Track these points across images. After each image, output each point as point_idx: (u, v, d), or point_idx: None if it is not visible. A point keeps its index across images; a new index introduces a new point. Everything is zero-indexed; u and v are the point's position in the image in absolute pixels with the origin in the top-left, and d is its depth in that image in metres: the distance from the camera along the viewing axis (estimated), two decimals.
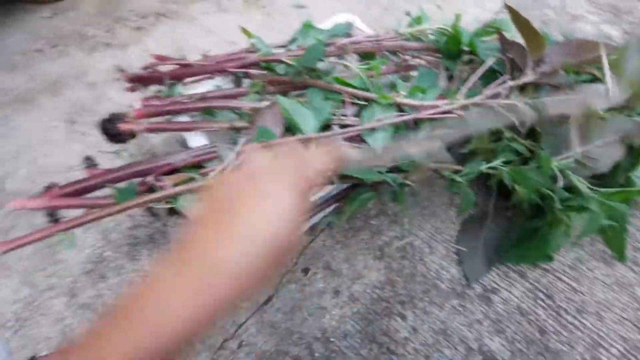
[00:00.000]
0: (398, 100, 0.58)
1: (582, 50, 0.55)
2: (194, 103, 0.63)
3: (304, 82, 0.64)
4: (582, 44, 0.55)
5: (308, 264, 0.74)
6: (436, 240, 0.78)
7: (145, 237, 0.77)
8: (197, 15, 1.15)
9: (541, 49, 0.56)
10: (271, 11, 1.18)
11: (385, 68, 0.66)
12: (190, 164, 0.57)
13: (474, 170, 0.61)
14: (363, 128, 0.55)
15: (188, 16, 1.15)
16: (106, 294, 0.71)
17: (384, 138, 0.54)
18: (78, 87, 1.00)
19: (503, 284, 0.74)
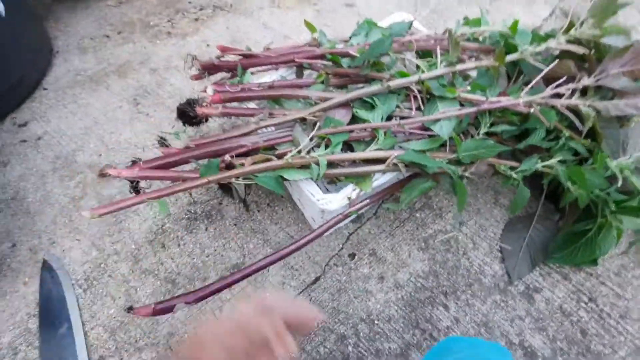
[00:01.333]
0: (462, 95, 0.60)
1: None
2: (264, 91, 0.68)
3: (368, 75, 0.67)
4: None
5: (354, 250, 0.78)
6: (480, 237, 0.80)
7: (202, 213, 0.82)
8: (252, 9, 1.21)
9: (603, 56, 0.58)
10: (322, 8, 1.22)
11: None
12: (263, 147, 0.61)
13: (530, 167, 0.63)
14: (429, 119, 0.58)
15: (244, 10, 1.21)
16: (166, 262, 0.77)
17: (449, 127, 0.57)
18: (142, 71, 1.07)
19: (546, 283, 0.75)
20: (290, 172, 0.55)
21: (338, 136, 0.58)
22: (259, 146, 0.61)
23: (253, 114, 0.66)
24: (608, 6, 0.60)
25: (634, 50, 0.57)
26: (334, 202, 0.58)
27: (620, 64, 0.58)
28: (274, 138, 0.62)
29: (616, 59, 0.58)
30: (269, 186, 0.54)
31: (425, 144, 0.58)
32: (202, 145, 0.63)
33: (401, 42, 0.70)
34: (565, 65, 0.60)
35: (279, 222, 0.81)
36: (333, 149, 0.57)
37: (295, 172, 0.55)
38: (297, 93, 0.66)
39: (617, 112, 0.58)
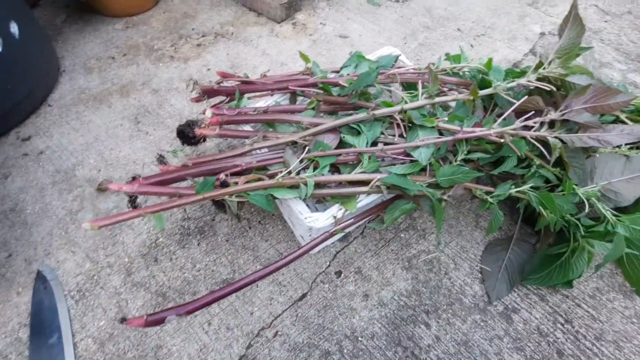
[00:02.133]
0: (440, 125, 0.66)
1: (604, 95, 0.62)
2: (259, 115, 0.73)
3: (356, 103, 0.73)
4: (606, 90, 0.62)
5: (341, 267, 0.81)
6: (461, 257, 0.83)
7: (195, 228, 0.85)
8: (252, 37, 1.28)
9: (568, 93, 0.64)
10: (317, 39, 1.30)
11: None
12: (256, 167, 0.65)
13: (504, 192, 0.68)
14: (409, 145, 0.63)
15: (244, 38, 1.28)
16: (158, 275, 0.79)
17: (428, 154, 0.62)
18: (144, 92, 1.12)
19: (524, 304, 0.78)
20: (281, 191, 0.59)
21: (326, 159, 0.63)
22: (252, 166, 0.65)
23: (248, 136, 0.71)
24: (572, 49, 0.67)
25: (595, 89, 0.63)
26: (320, 220, 0.62)
27: (582, 100, 0.64)
28: (267, 159, 0.66)
29: (579, 96, 0.63)
30: (260, 204, 0.58)
31: (406, 168, 0.62)
32: (199, 164, 0.67)
33: (387, 74, 0.76)
34: (534, 100, 0.66)
35: (269, 239, 0.84)
36: (321, 170, 0.61)
37: (285, 191, 0.59)
38: (290, 118, 0.71)
39: (581, 144, 0.63)
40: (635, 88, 1.21)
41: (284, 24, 1.33)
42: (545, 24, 1.44)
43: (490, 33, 1.37)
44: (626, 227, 0.63)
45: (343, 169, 0.64)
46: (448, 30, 1.37)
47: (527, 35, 1.38)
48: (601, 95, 0.63)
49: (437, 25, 1.39)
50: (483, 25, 1.40)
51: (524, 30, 1.40)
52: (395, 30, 1.36)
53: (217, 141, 1.01)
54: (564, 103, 0.64)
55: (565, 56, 0.67)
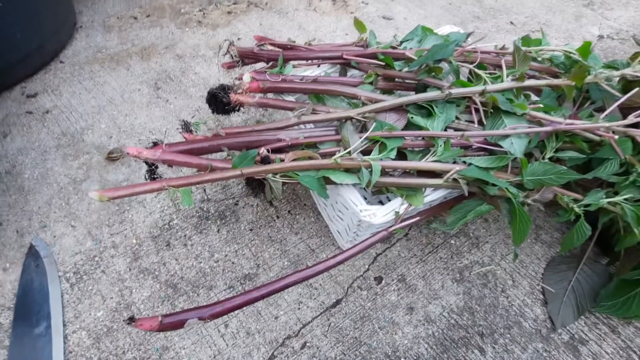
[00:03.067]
0: (532, 113, 0.54)
1: None
2: (307, 84, 0.61)
3: (423, 81, 0.61)
4: None
5: (381, 273, 0.69)
6: (520, 273, 0.72)
7: (215, 212, 0.74)
8: (288, 9, 1.17)
9: None
10: (359, 17, 1.18)
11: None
12: (303, 143, 0.54)
13: (596, 202, 0.56)
14: (497, 133, 0.51)
15: (279, 9, 1.17)
16: (169, 262, 0.68)
17: (521, 145, 0.50)
18: (167, 56, 1.01)
19: (592, 335, 0.67)
20: (338, 174, 0.47)
21: (393, 141, 0.51)
22: (299, 142, 0.54)
23: (293, 108, 0.59)
24: None
25: None
26: (379, 215, 0.50)
27: None
28: (317, 135, 0.55)
29: None
30: (311, 186, 0.47)
31: (489, 161, 0.51)
32: (234, 135, 0.55)
33: (461, 51, 0.64)
34: None
35: (299, 233, 0.73)
36: (387, 154, 0.49)
37: (343, 174, 0.48)
38: (345, 90, 0.59)
39: None
40: None
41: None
42: (603, 27, 1.32)
43: (545, 30, 1.26)
44: None
45: (410, 155, 0.53)
46: (500, 23, 1.26)
47: (584, 37, 1.26)
48: None
49: (488, 17, 1.27)
50: (537, 22, 1.28)
51: (581, 31, 1.28)
52: (443, 17, 1.24)
53: (245, 117, 0.89)
54: None
55: None
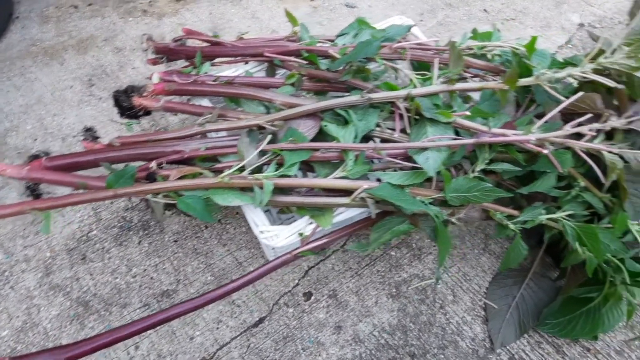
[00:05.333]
0: (459, 121, 0.48)
1: None
2: (220, 87, 0.55)
3: (348, 82, 0.55)
4: None
5: (312, 288, 0.65)
6: (462, 288, 0.67)
7: (138, 222, 0.69)
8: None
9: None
10: (319, 5, 1.11)
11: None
12: (203, 156, 0.48)
13: (533, 219, 0.51)
14: (414, 146, 0.46)
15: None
16: (83, 278, 0.64)
17: (438, 160, 0.45)
18: (105, 49, 0.94)
19: (534, 356, 0.62)
20: (225, 195, 0.42)
21: (296, 154, 0.45)
22: (197, 154, 0.48)
23: (202, 114, 0.53)
24: None
25: None
26: (280, 238, 0.45)
27: None
28: (220, 147, 0.49)
29: None
30: (193, 211, 0.41)
31: (405, 177, 0.45)
32: (130, 145, 0.50)
33: (394, 47, 0.58)
34: (590, 99, 0.48)
35: (227, 244, 0.68)
36: (287, 169, 0.44)
37: (233, 194, 0.42)
38: (259, 94, 0.53)
39: None
40: None
41: None
42: (585, 14, 1.23)
43: (521, 18, 1.17)
44: None
45: (319, 169, 0.47)
46: (473, 10, 1.17)
47: (563, 25, 1.18)
48: None
49: (461, 3, 1.19)
50: (514, 9, 1.20)
51: (560, 19, 1.20)
52: (412, 4, 1.16)
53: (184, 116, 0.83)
54: (633, 107, 0.46)
55: (637, 43, 0.49)
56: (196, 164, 0.46)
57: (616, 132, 0.48)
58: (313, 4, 1.11)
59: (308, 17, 1.08)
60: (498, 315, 0.65)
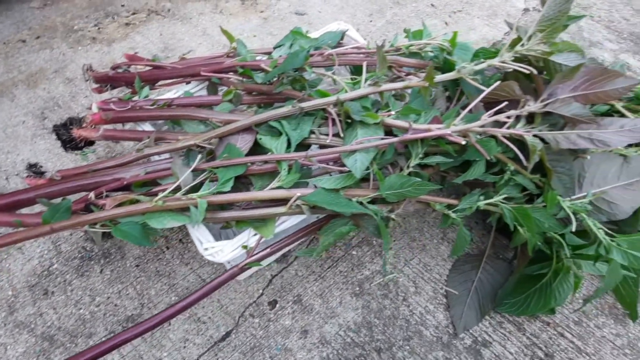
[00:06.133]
0: (387, 121, 0.50)
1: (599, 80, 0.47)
2: (158, 110, 0.56)
3: (284, 93, 0.56)
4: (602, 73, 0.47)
5: (276, 296, 0.66)
6: (424, 278, 0.69)
7: (99, 251, 0.69)
8: (192, 14, 1.10)
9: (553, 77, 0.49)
10: (269, 15, 1.12)
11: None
12: (144, 180, 0.49)
13: (471, 206, 0.53)
14: (343, 150, 0.47)
15: (182, 15, 1.10)
16: (47, 313, 0.64)
17: (365, 161, 0.46)
18: (56, 81, 0.94)
19: (496, 336, 0.65)
20: (160, 218, 0.43)
21: (232, 169, 0.47)
22: (138, 179, 0.49)
23: (141, 138, 0.54)
24: (558, 19, 0.51)
25: (587, 71, 0.48)
26: (225, 252, 0.46)
27: (571, 86, 0.49)
28: (160, 170, 0.50)
29: (566, 81, 0.48)
30: (129, 238, 0.42)
31: (338, 180, 0.47)
32: (71, 178, 0.50)
33: (326, 55, 0.59)
34: (508, 87, 0.51)
35: (190, 263, 0.68)
36: (222, 186, 0.45)
37: (168, 216, 0.43)
38: (196, 114, 0.55)
39: (569, 145, 0.49)
40: (628, 70, 1.07)
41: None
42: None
43: (467, 9, 1.21)
44: (623, 252, 0.49)
45: (257, 181, 0.48)
46: (420, 6, 1.20)
47: (509, 11, 1.22)
48: (595, 80, 0.48)
49: (409, 1, 1.22)
50: (460, 0, 1.23)
51: (505, 6, 1.24)
52: (361, 6, 1.19)
53: None
54: (547, 90, 0.49)
55: (549, 29, 0.52)
56: (133, 189, 0.47)
57: (536, 115, 0.50)
58: (263, 15, 1.12)
59: (260, 28, 1.09)
60: (459, 301, 0.67)
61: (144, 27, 1.06)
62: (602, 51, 1.13)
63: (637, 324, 0.67)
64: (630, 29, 1.19)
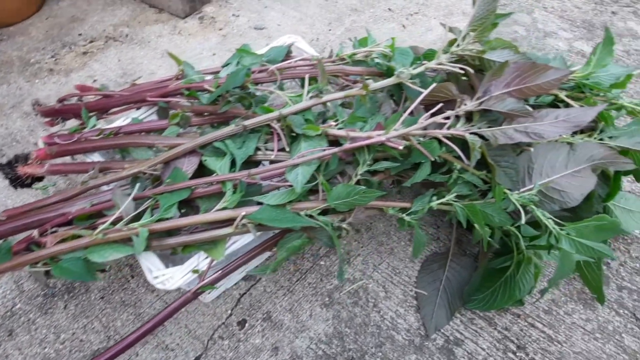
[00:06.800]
0: (329, 132, 0.50)
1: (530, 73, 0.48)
2: (104, 140, 0.56)
3: (229, 112, 0.57)
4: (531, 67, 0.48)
5: (245, 315, 0.65)
6: (393, 282, 0.69)
7: (62, 287, 0.68)
8: (150, 37, 1.10)
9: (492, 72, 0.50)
10: (228, 32, 1.13)
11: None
12: (89, 213, 0.49)
13: (423, 207, 0.54)
14: (285, 165, 0.47)
15: (140, 39, 1.10)
16: (12, 354, 0.62)
17: (306, 175, 0.47)
18: (13, 116, 0.93)
19: (468, 333, 0.65)
20: (102, 252, 0.42)
21: (175, 195, 0.46)
22: (84, 212, 0.48)
23: (87, 170, 0.54)
24: (487, 17, 0.52)
25: (517, 66, 0.49)
26: (175, 279, 0.46)
27: (503, 83, 0.50)
28: (105, 201, 0.49)
29: (497, 78, 0.49)
30: (70, 275, 0.41)
31: (282, 195, 0.47)
32: (16, 217, 0.50)
33: (270, 70, 0.60)
34: (445, 88, 0.52)
35: (156, 290, 0.67)
36: (165, 212, 0.45)
37: (111, 249, 0.43)
38: (142, 140, 0.54)
39: (506, 140, 0.49)
40: (583, 57, 1.10)
41: (189, 20, 1.15)
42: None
43: (424, 10, 1.23)
44: (571, 240, 0.50)
45: (203, 204, 0.48)
46: (378, 11, 1.22)
47: (464, 10, 1.25)
48: (527, 74, 0.49)
49: (366, 7, 1.24)
50: (416, 2, 1.26)
51: (460, 5, 1.26)
52: (319, 16, 1.20)
53: None
54: (481, 88, 0.50)
55: (480, 28, 0.53)
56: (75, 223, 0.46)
57: (474, 113, 0.51)
58: (222, 33, 1.13)
59: (219, 46, 1.10)
60: (429, 301, 0.67)
61: (102, 54, 1.06)
62: (556, 40, 1.16)
63: (606, 306, 0.68)
64: (583, 16, 1.23)
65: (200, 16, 1.16)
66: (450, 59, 0.55)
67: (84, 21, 1.15)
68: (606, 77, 0.61)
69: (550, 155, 0.58)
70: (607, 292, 0.70)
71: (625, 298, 0.69)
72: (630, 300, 0.69)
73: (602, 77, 0.61)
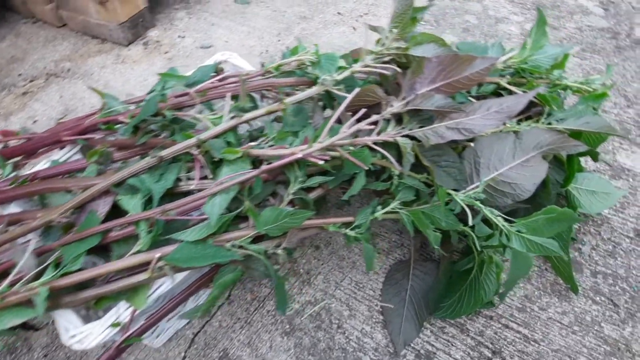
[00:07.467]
0: (251, 152, 0.47)
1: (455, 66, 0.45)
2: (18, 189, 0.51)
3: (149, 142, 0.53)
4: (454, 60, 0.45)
5: (201, 356, 0.60)
6: (357, 298, 0.65)
7: (4, 348, 0.63)
8: (93, 70, 1.06)
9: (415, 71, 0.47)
10: (174, 55, 1.09)
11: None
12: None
13: (365, 221, 0.50)
14: (204, 195, 0.44)
15: (82, 72, 1.06)
16: None
17: (223, 204, 0.43)
18: None
19: (439, 344, 0.61)
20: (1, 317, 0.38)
21: (83, 244, 0.42)
22: None
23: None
24: (406, 12, 0.49)
25: (439, 61, 0.46)
26: (94, 335, 0.41)
27: (428, 79, 0.47)
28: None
29: (420, 75, 0.46)
30: None
31: (201, 230, 0.43)
32: None
33: (191, 93, 0.56)
34: (370, 91, 0.48)
35: None
36: (70, 265, 0.40)
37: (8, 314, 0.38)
38: (54, 185, 0.50)
39: (438, 139, 0.46)
40: None
41: (132, 47, 1.12)
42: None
43: (374, 10, 1.21)
44: (522, 238, 0.47)
45: (116, 249, 0.44)
46: (327, 16, 1.20)
47: None
48: (451, 67, 0.46)
49: (315, 13, 1.22)
50: (366, 3, 1.24)
51: None
52: (268, 28, 1.17)
53: None
54: (405, 87, 0.47)
55: (401, 24, 0.50)
56: None
57: (403, 115, 0.48)
58: (168, 56, 1.10)
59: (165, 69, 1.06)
60: (395, 315, 0.63)
61: (43, 92, 1.01)
62: (508, 25, 1.15)
63: (582, 295, 0.65)
64: None
65: (144, 41, 1.13)
66: (377, 59, 0.52)
67: (23, 60, 1.11)
68: (544, 59, 0.59)
69: (496, 146, 0.55)
70: (581, 279, 0.67)
71: (600, 284, 0.66)
72: (605, 285, 0.66)
73: (541, 59, 0.59)
